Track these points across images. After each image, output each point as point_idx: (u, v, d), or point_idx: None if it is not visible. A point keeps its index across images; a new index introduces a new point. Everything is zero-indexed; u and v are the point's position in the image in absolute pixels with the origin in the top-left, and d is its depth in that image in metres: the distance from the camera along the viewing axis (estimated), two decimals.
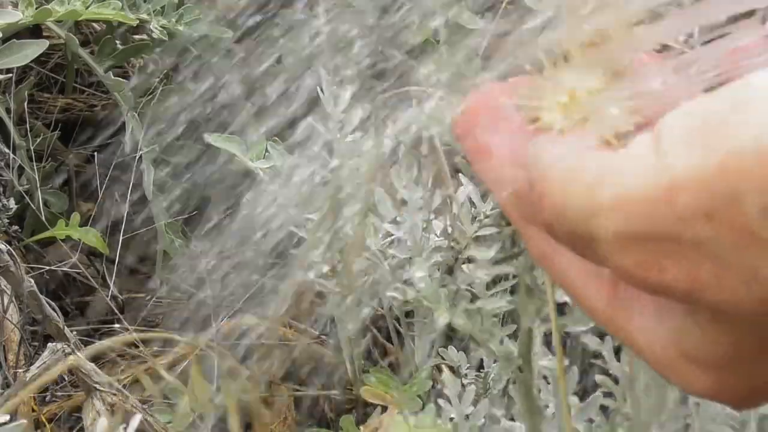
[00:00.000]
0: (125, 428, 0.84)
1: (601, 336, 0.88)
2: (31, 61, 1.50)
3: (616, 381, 0.86)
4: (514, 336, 1.27)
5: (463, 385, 1.09)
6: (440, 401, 1.07)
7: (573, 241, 0.35)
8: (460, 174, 1.28)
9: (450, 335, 1.56)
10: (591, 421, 0.83)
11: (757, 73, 0.31)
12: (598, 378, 0.85)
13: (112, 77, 1.64)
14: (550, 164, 0.35)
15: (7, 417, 0.92)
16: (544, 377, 0.85)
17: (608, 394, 0.85)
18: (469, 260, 1.18)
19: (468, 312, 0.82)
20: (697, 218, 0.31)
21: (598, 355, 0.87)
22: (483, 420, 1.01)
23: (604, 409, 0.86)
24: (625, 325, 0.37)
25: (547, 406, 0.85)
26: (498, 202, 0.40)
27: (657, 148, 0.32)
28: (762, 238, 0.31)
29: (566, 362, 0.85)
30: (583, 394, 0.88)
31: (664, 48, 0.37)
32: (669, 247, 0.32)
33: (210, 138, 1.36)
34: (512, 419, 0.96)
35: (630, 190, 0.32)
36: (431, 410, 1.08)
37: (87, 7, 1.51)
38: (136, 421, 0.82)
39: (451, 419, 1.04)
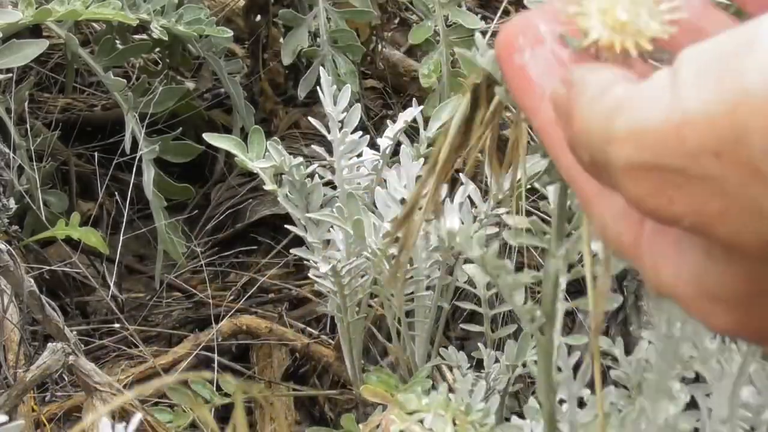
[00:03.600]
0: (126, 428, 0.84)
1: (612, 338, 0.90)
2: (31, 61, 1.50)
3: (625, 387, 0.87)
4: (514, 336, 1.27)
5: (473, 382, 1.10)
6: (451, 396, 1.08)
7: (592, 165, 0.36)
8: (460, 173, 1.28)
9: (449, 336, 1.56)
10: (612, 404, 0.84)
11: None
12: (613, 373, 0.87)
13: (112, 77, 1.64)
14: (583, 88, 0.37)
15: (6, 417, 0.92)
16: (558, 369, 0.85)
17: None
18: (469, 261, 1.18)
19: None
20: (705, 155, 0.33)
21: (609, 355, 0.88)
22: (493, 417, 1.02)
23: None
24: (649, 263, 0.38)
25: (562, 401, 0.85)
26: (535, 126, 0.42)
27: (673, 83, 0.34)
28: (766, 176, 0.32)
29: (575, 360, 0.85)
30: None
31: None
32: (677, 180, 0.34)
33: (209, 138, 1.36)
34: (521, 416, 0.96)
35: (643, 123, 0.34)
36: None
37: (87, 7, 1.51)
38: (136, 420, 0.82)
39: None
